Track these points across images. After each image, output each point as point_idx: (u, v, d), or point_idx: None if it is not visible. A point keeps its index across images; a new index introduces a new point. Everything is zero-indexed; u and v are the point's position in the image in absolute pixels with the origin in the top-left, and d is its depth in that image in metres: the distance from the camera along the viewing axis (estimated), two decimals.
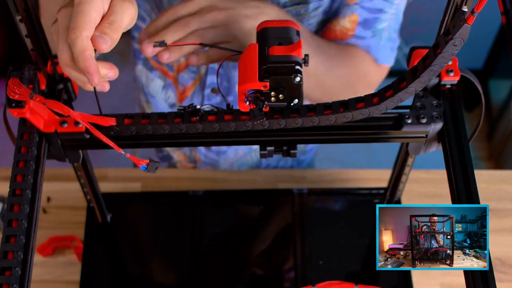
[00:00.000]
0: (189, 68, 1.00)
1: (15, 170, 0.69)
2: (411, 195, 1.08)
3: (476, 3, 0.55)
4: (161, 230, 1.04)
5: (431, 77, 0.66)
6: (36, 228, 0.68)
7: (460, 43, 0.61)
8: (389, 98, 0.68)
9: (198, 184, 1.10)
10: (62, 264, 1.02)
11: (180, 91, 1.04)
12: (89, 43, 0.61)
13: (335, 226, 1.05)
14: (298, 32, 0.71)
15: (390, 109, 0.69)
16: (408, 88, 0.67)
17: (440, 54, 0.63)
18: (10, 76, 0.69)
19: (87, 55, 0.61)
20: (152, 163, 0.70)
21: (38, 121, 0.71)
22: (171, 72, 1.02)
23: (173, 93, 1.05)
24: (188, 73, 1.01)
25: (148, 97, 1.07)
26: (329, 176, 1.12)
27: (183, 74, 1.01)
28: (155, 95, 1.06)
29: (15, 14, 0.67)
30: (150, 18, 0.97)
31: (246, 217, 1.06)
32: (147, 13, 0.97)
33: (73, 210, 1.06)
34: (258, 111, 0.68)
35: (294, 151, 0.76)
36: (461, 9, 0.59)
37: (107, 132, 0.71)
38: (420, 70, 0.66)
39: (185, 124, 0.72)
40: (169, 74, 1.02)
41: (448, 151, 0.74)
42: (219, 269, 1.00)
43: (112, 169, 1.12)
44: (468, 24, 0.58)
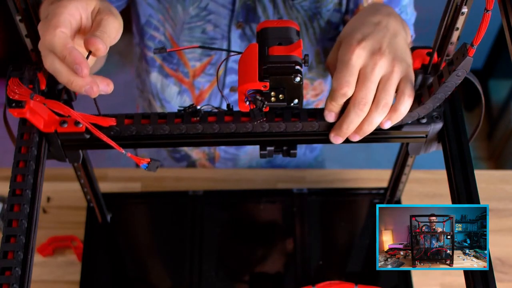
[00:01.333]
0: (205, 72, 1.01)
1: (15, 170, 0.69)
2: (411, 195, 1.08)
3: (474, 36, 0.59)
4: (161, 230, 1.04)
5: (435, 105, 0.70)
6: (36, 228, 0.68)
7: (463, 73, 0.65)
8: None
9: (198, 184, 1.10)
10: (62, 264, 1.02)
11: (197, 95, 1.05)
12: (67, 37, 0.63)
13: (335, 226, 1.05)
14: (298, 32, 0.71)
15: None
16: (412, 113, 0.72)
17: (444, 83, 0.66)
18: (10, 76, 0.69)
19: (69, 47, 0.62)
20: (153, 162, 0.70)
21: (38, 121, 0.71)
22: (186, 78, 1.03)
23: (189, 97, 1.06)
24: (205, 77, 1.02)
25: (163, 102, 1.07)
26: (329, 176, 1.12)
27: (199, 79, 1.02)
28: (170, 100, 1.07)
29: (15, 14, 0.67)
30: (163, 27, 0.98)
31: (246, 217, 1.06)
32: (160, 23, 0.98)
33: (73, 210, 1.06)
34: (258, 111, 0.68)
35: (294, 151, 0.76)
36: (464, 43, 0.63)
37: (107, 132, 0.71)
38: (425, 97, 0.70)
39: (185, 124, 0.72)
40: (184, 80, 1.03)
41: (448, 151, 0.74)
42: (219, 269, 1.00)
43: (112, 169, 1.12)
44: (470, 57, 0.62)
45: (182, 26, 0.95)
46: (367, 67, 0.69)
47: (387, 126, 0.71)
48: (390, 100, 0.69)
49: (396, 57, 0.69)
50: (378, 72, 0.69)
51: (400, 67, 0.69)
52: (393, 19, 0.73)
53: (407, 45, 0.73)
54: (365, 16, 0.74)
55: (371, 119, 0.70)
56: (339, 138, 0.73)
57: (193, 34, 0.96)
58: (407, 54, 0.72)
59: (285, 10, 0.92)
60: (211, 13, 0.93)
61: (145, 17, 0.98)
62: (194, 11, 0.93)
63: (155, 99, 1.09)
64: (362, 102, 0.69)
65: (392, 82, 0.69)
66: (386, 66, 0.69)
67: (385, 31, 0.71)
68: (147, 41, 1.01)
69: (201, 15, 0.93)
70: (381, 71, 0.69)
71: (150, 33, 1.00)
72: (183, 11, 0.93)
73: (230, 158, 1.17)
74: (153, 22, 0.98)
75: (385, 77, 0.69)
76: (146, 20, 0.98)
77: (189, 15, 0.93)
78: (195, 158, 1.19)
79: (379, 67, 0.69)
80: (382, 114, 0.70)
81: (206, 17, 0.94)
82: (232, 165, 1.18)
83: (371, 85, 0.69)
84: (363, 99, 0.69)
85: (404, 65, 0.70)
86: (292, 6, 0.91)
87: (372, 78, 0.69)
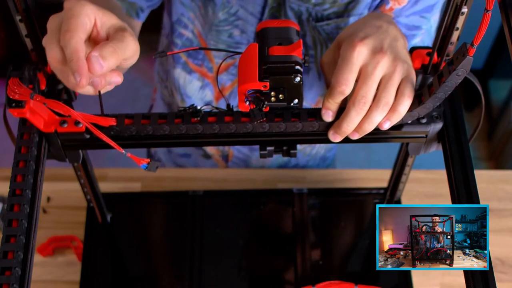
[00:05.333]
0: (228, 71, 1.02)
1: (15, 170, 0.69)
2: (411, 195, 1.08)
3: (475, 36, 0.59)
4: (161, 230, 1.05)
5: (435, 104, 0.70)
6: (36, 228, 0.68)
7: (463, 73, 0.65)
8: None
9: (198, 184, 1.10)
10: (62, 264, 1.02)
11: (218, 91, 1.05)
12: (82, 45, 0.63)
13: (335, 226, 1.05)
14: (298, 32, 0.71)
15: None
16: (412, 112, 0.72)
17: (444, 83, 0.66)
18: (10, 76, 0.69)
19: (80, 56, 0.62)
20: (152, 162, 0.70)
21: (38, 121, 0.71)
22: (210, 73, 1.04)
23: (210, 91, 1.06)
24: (227, 75, 1.03)
25: (184, 97, 1.08)
26: (329, 176, 1.12)
27: (221, 75, 1.03)
28: (191, 95, 1.07)
29: (15, 14, 0.67)
30: (193, 25, 0.99)
31: (246, 217, 1.06)
32: (190, 21, 0.99)
33: (73, 210, 1.06)
34: (258, 111, 0.68)
35: (294, 151, 0.76)
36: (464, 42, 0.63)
37: (107, 132, 0.71)
38: (425, 97, 0.70)
39: (185, 124, 0.72)
40: (208, 75, 1.04)
41: (448, 151, 0.74)
42: (219, 269, 1.00)
43: (112, 169, 1.12)
44: (470, 57, 0.62)
45: (211, 27, 0.96)
46: (368, 65, 0.69)
47: (386, 126, 0.72)
48: (390, 99, 0.69)
49: (398, 57, 0.69)
50: (380, 70, 0.69)
51: (401, 67, 0.69)
52: (393, 26, 0.73)
53: (406, 50, 0.73)
54: (367, 20, 0.74)
55: (371, 117, 0.70)
56: (337, 136, 0.73)
57: (220, 37, 0.97)
58: (407, 57, 0.72)
59: (308, 28, 0.93)
60: (240, 19, 0.94)
61: (177, 15, 0.99)
62: (224, 15, 0.94)
63: (177, 92, 1.10)
64: (363, 100, 0.69)
65: (393, 81, 0.69)
66: (387, 65, 0.69)
67: (386, 34, 0.71)
68: (175, 38, 1.02)
69: (229, 20, 0.94)
70: (383, 70, 0.69)
71: (179, 31, 1.01)
72: (213, 14, 0.94)
73: (242, 158, 1.17)
74: (184, 20, 0.99)
75: (386, 77, 0.69)
76: (177, 18, 1.00)
77: (218, 18, 0.94)
78: (209, 153, 1.20)
79: (380, 66, 0.69)
80: (382, 113, 0.70)
81: (234, 22, 0.95)
82: (244, 165, 1.19)
83: (372, 83, 0.69)
84: (364, 97, 0.69)
85: (406, 66, 0.70)
86: (315, 27, 0.92)
87: (373, 77, 0.69)
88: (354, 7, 0.89)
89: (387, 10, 0.89)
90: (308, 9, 0.90)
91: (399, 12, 0.89)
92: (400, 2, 0.88)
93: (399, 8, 0.88)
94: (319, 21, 0.91)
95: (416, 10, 0.89)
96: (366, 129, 0.71)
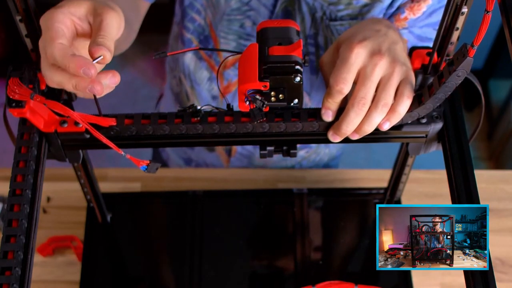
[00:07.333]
0: (235, 66, 1.02)
1: (15, 170, 0.69)
2: (411, 195, 1.08)
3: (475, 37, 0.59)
4: (161, 230, 1.05)
5: (435, 105, 0.70)
6: (36, 228, 0.68)
7: (463, 74, 0.65)
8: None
9: (198, 184, 1.10)
10: (62, 264, 1.02)
11: (224, 86, 1.05)
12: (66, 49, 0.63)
13: (335, 226, 1.05)
14: (298, 32, 0.71)
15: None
16: (412, 112, 0.72)
17: (444, 83, 0.66)
18: (10, 76, 0.69)
19: (69, 57, 0.62)
20: (152, 164, 0.70)
21: (38, 121, 0.71)
22: (217, 67, 1.03)
23: (217, 86, 1.06)
24: (234, 70, 1.02)
25: (193, 83, 1.08)
26: (329, 176, 1.12)
27: (228, 71, 1.03)
28: (200, 83, 1.07)
29: (15, 14, 0.67)
30: (205, 12, 0.99)
31: (246, 217, 1.06)
32: (203, 8, 0.99)
33: (73, 210, 1.06)
34: (258, 111, 0.68)
35: (294, 151, 0.76)
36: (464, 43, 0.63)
37: (107, 132, 0.71)
38: (425, 97, 0.70)
39: (185, 125, 0.72)
40: (215, 68, 1.04)
41: (448, 151, 0.74)
42: (219, 269, 1.00)
43: (112, 169, 1.12)
44: (470, 58, 0.62)
45: (222, 17, 0.96)
46: (367, 67, 0.69)
47: (386, 127, 0.72)
48: (389, 100, 0.70)
49: (396, 59, 0.70)
50: (378, 72, 0.69)
51: (400, 69, 0.69)
52: (392, 30, 0.74)
53: (405, 54, 0.74)
54: (366, 24, 0.75)
55: (370, 118, 0.70)
56: (337, 137, 0.74)
57: (231, 27, 0.97)
58: (406, 60, 0.72)
59: (321, 26, 0.93)
60: (252, 10, 0.94)
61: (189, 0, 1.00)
62: (236, 4, 0.94)
63: (186, 78, 1.09)
64: (362, 101, 0.69)
65: (391, 82, 0.69)
66: (386, 67, 0.69)
67: (384, 37, 0.72)
68: (187, 23, 1.02)
69: (242, 9, 0.94)
70: (381, 72, 0.69)
71: (192, 15, 1.01)
72: (225, 2, 0.94)
73: (246, 155, 1.17)
74: (196, 5, 0.99)
75: (385, 78, 0.69)
76: (189, 2, 1.00)
77: (231, 7, 0.94)
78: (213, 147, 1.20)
79: (379, 68, 0.69)
80: (382, 114, 0.70)
81: (246, 12, 0.95)
82: (247, 162, 1.18)
83: (370, 84, 0.69)
84: (363, 98, 0.69)
85: (404, 68, 0.70)
86: (328, 26, 0.93)
87: (372, 78, 0.69)
88: (369, 11, 0.90)
89: (401, 19, 0.89)
90: (323, 6, 0.90)
91: (413, 23, 0.89)
92: (415, 13, 0.89)
93: (414, 18, 0.89)
94: (333, 21, 0.92)
95: (430, 22, 0.89)
96: (366, 130, 0.72)
